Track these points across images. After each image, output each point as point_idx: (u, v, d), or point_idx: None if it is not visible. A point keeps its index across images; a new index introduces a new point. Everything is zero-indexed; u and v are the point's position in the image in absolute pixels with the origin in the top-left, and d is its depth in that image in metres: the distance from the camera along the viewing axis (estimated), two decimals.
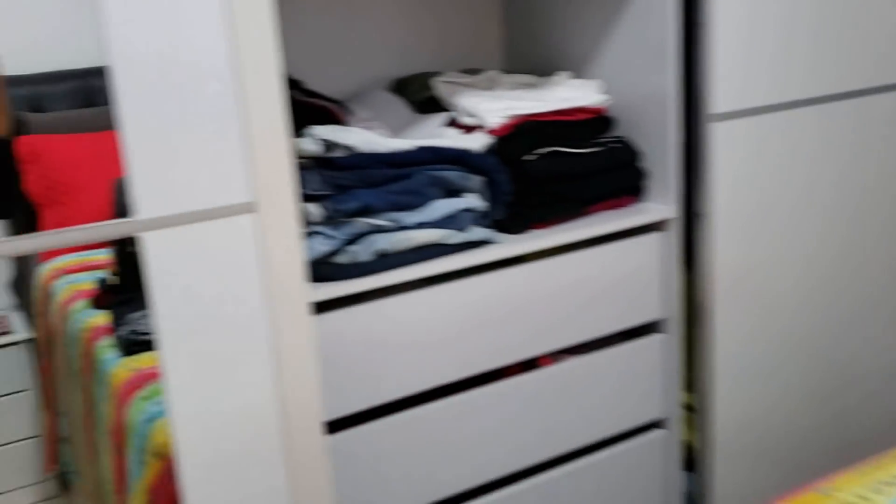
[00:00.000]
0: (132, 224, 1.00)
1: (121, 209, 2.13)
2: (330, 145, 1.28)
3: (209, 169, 1.02)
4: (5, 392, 2.44)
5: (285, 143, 1.06)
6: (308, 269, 1.18)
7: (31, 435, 2.54)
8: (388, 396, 1.28)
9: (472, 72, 1.65)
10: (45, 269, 2.35)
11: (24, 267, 2.65)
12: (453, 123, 1.48)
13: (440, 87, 1.55)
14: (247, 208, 1.05)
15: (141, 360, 1.72)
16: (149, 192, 1.00)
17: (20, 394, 2.51)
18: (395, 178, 1.29)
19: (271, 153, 1.05)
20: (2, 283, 2.75)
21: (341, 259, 1.24)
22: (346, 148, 1.28)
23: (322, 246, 1.21)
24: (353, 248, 1.25)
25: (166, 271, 1.03)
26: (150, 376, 1.64)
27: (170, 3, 0.97)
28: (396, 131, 1.48)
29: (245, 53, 1.01)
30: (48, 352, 2.32)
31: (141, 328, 1.79)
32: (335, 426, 1.25)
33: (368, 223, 1.25)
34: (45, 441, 2.44)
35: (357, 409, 1.26)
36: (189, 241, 1.03)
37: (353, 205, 1.23)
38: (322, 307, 1.20)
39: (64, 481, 2.52)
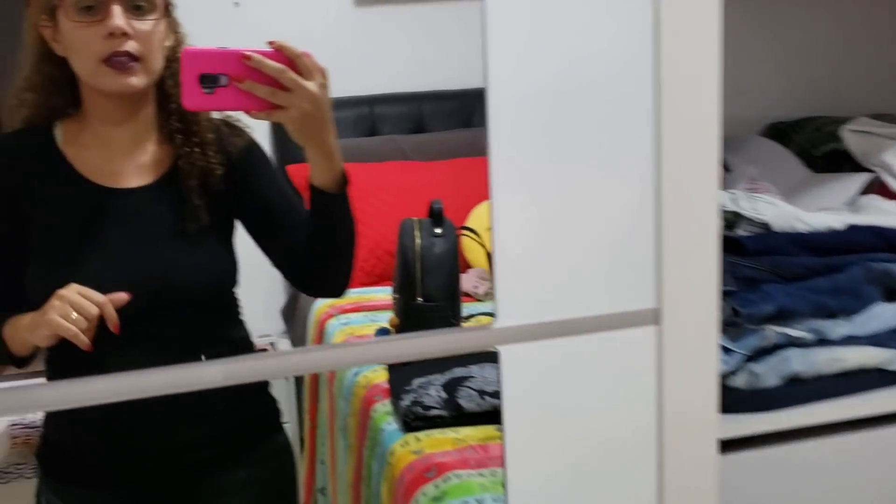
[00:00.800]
0: (488, 335, 0.70)
1: (407, 251, 1.92)
2: (732, 219, 0.92)
3: (600, 260, 0.71)
4: None
5: (715, 225, 0.72)
6: None
7: None
8: None
9: (887, 118, 1.23)
10: (321, 304, 2.21)
11: (296, 294, 2.56)
12: (879, 189, 1.07)
13: (851, 138, 1.15)
14: (649, 317, 0.72)
15: (425, 441, 1.46)
16: (517, 290, 0.70)
17: None
18: (821, 269, 0.91)
19: (693, 240, 0.71)
20: (275, 309, 2.69)
21: (737, 381, 0.88)
22: (756, 224, 0.92)
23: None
24: (755, 367, 0.88)
25: (526, 390, 0.73)
26: (439, 466, 1.37)
27: (575, 36, 0.67)
28: (788, 196, 1.10)
29: (672, 96, 0.69)
30: (315, 395, 2.17)
31: (425, 401, 1.54)
32: None
33: (781, 333, 0.88)
34: (303, 489, 2.30)
35: None
36: (564, 356, 0.72)
37: (767, 307, 0.86)
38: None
39: None
